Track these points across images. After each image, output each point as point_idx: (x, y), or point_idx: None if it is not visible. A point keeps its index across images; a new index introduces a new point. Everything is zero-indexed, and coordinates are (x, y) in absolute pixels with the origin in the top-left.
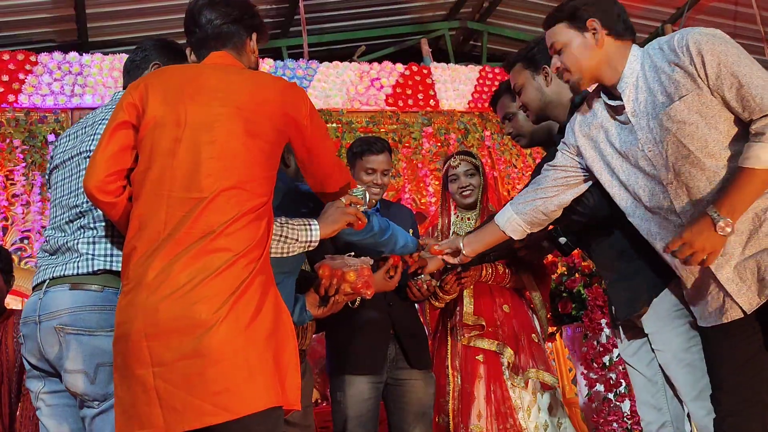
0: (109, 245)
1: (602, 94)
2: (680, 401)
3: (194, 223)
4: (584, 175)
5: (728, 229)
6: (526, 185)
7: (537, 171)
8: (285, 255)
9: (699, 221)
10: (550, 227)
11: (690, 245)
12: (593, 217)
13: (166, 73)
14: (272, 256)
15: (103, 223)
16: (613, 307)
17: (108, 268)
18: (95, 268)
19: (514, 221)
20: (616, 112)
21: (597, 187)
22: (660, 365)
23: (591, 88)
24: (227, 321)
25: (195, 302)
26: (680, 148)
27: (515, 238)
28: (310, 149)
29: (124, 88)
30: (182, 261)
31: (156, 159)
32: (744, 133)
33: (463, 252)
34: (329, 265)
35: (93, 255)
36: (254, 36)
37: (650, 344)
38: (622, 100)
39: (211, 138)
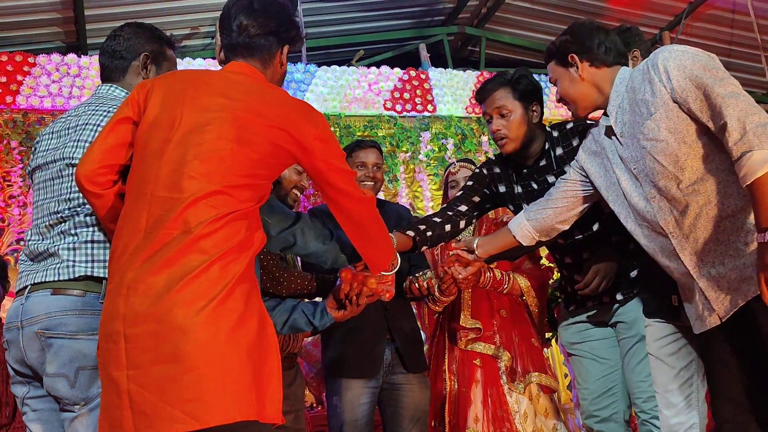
0: (90, 251)
1: (603, 116)
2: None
3: (173, 223)
4: (592, 191)
5: None
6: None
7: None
8: None
9: (759, 255)
10: None
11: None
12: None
13: (175, 76)
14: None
15: (85, 229)
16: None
17: (90, 273)
18: (76, 275)
19: (525, 228)
20: (611, 131)
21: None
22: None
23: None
24: (205, 327)
25: (172, 305)
26: (656, 164)
27: (525, 244)
28: (319, 171)
29: (104, 81)
30: (160, 262)
31: (144, 159)
32: (710, 143)
33: (476, 252)
34: (351, 271)
35: (74, 261)
36: (286, 49)
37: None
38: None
39: (200, 140)
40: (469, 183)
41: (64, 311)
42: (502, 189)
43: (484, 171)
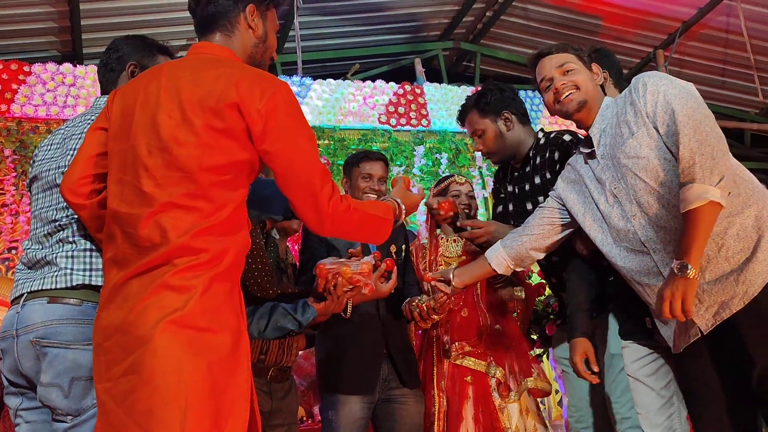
0: (88, 259)
1: (580, 145)
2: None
3: (140, 240)
4: (569, 219)
5: (687, 270)
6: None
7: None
8: None
9: (666, 280)
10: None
11: (664, 299)
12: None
13: (134, 81)
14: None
15: (83, 238)
16: (623, 324)
17: (87, 282)
18: (74, 283)
19: (500, 255)
20: (590, 156)
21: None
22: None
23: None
24: (163, 339)
25: (137, 316)
26: (638, 180)
27: (499, 272)
28: (268, 158)
29: (103, 93)
30: (132, 274)
31: (112, 171)
32: None
33: (453, 282)
34: (325, 264)
35: (72, 269)
36: (250, 9)
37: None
38: (593, 146)
39: (145, 151)
40: (494, 202)
41: (59, 320)
42: (509, 189)
43: (496, 184)
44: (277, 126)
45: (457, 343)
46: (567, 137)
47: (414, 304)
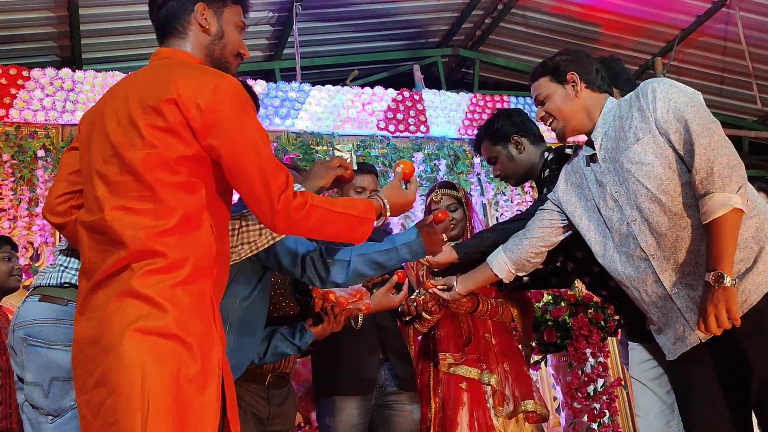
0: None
1: (585, 145)
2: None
3: (98, 245)
4: (567, 222)
5: (723, 280)
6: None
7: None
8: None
9: (703, 295)
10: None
11: (707, 313)
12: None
13: (100, 99)
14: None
15: None
16: (626, 326)
17: (75, 282)
18: (62, 281)
19: (501, 260)
20: (592, 159)
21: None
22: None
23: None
24: (129, 347)
25: (103, 326)
26: (640, 186)
27: (501, 277)
28: (217, 156)
29: None
30: (93, 283)
31: (84, 186)
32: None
33: (456, 289)
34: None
35: (66, 267)
36: (198, 8)
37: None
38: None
39: (103, 158)
40: None
41: (45, 319)
42: None
43: None
44: (220, 120)
45: (440, 354)
46: (568, 150)
47: (411, 298)
